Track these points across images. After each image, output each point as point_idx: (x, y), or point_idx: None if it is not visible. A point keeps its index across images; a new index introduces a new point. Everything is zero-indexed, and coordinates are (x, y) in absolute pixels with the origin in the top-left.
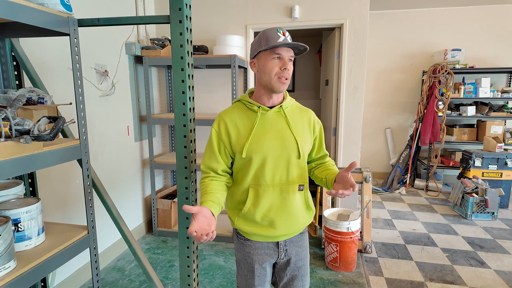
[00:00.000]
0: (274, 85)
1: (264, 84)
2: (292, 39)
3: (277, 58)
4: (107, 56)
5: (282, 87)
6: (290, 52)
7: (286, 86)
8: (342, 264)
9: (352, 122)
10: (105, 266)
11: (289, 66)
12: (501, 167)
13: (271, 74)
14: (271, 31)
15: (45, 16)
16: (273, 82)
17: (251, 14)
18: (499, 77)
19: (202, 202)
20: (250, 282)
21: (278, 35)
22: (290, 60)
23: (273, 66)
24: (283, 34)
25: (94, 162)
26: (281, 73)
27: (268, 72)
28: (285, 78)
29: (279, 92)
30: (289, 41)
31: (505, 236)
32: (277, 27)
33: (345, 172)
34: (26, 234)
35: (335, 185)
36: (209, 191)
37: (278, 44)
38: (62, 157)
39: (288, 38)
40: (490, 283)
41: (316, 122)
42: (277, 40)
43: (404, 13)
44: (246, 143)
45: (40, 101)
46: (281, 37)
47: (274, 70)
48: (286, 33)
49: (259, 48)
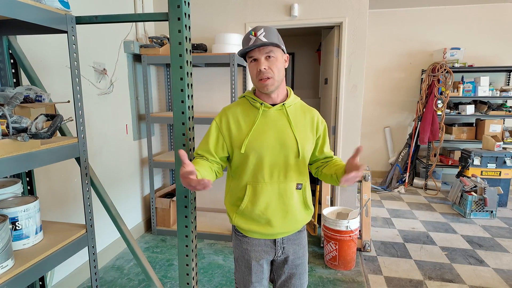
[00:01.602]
0: (258, 87)
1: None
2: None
3: (253, 61)
4: (106, 55)
5: (265, 88)
6: (264, 50)
7: (271, 86)
8: (341, 262)
9: (351, 120)
10: (104, 265)
11: (265, 65)
12: (500, 166)
13: (253, 77)
14: (246, 35)
15: (42, 13)
16: (257, 84)
17: (250, 12)
18: (498, 76)
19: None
20: (247, 278)
21: (250, 38)
22: (267, 57)
23: (252, 70)
24: (254, 35)
25: (92, 160)
26: (259, 75)
27: (251, 76)
28: (265, 78)
29: (266, 92)
30: (260, 40)
31: (504, 235)
32: (252, 29)
33: (353, 159)
34: (23, 232)
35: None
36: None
37: (244, 50)
38: (60, 155)
39: (260, 36)
40: (489, 281)
41: (320, 122)
42: (249, 43)
43: (403, 11)
44: (246, 139)
45: (37, 99)
46: (252, 39)
47: (253, 73)
48: (258, 32)
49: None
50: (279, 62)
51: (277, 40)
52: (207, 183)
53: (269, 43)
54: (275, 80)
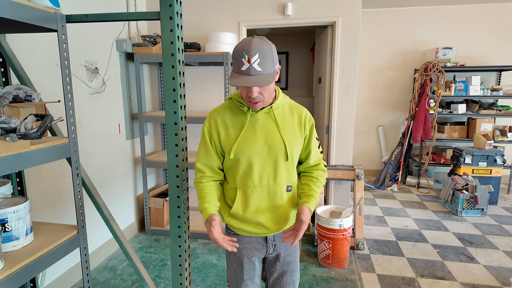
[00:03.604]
0: (247, 103)
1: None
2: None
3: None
4: (98, 53)
5: (254, 107)
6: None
7: (261, 105)
8: (335, 261)
9: (345, 119)
10: (97, 265)
11: (257, 92)
12: (490, 164)
13: (242, 95)
14: (239, 53)
15: (31, 11)
16: (245, 100)
17: (244, 12)
18: (489, 75)
19: (203, 209)
20: (239, 276)
21: (243, 62)
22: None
23: (242, 90)
24: (248, 61)
25: (84, 160)
26: (248, 98)
27: (240, 91)
28: (255, 102)
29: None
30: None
31: (494, 232)
32: (244, 50)
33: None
34: (13, 234)
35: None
36: (206, 194)
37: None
38: (50, 156)
39: (254, 64)
40: (479, 278)
41: (308, 120)
42: (240, 68)
43: (396, 11)
44: (234, 144)
45: (27, 99)
46: (245, 65)
47: (243, 94)
48: (252, 58)
49: (232, 68)
50: (271, 85)
51: (271, 65)
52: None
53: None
54: (264, 101)
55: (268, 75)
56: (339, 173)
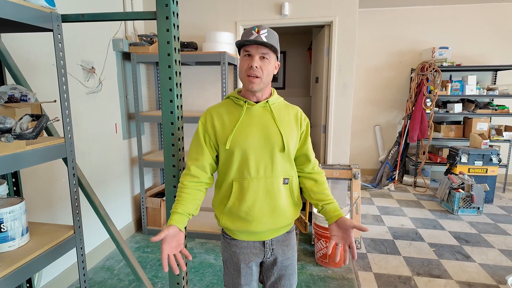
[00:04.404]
0: (245, 83)
1: (241, 82)
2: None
3: (247, 56)
4: (94, 53)
5: (251, 86)
6: (261, 49)
7: (257, 85)
8: (332, 260)
9: (342, 119)
10: (93, 265)
11: (258, 64)
12: (486, 163)
13: (242, 71)
14: (249, 29)
15: (26, 11)
16: (244, 79)
17: (241, 11)
18: (484, 75)
19: (172, 213)
20: (236, 281)
21: (252, 33)
22: (262, 57)
23: (243, 63)
24: (257, 31)
25: (81, 160)
26: (248, 70)
27: (240, 69)
28: (254, 76)
29: (251, 90)
30: (261, 38)
31: (490, 231)
32: (256, 25)
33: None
34: (9, 234)
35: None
36: (182, 200)
37: (242, 42)
38: (46, 156)
39: (262, 35)
40: (475, 276)
41: (303, 118)
42: (249, 37)
43: (393, 11)
44: (230, 135)
45: (23, 99)
46: (254, 35)
47: (244, 67)
48: (261, 31)
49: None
50: (271, 65)
51: (276, 44)
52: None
53: (269, 44)
54: (262, 81)
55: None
56: (336, 173)
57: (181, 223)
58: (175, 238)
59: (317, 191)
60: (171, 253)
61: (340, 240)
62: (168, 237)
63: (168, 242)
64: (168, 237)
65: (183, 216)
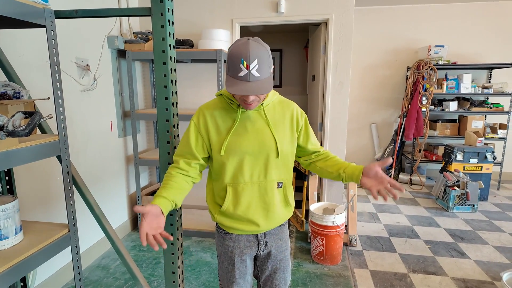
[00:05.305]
0: (240, 103)
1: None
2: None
3: None
4: (89, 50)
5: (248, 108)
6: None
7: (255, 106)
8: (328, 257)
9: (338, 117)
10: (89, 264)
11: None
12: (481, 161)
13: (236, 97)
14: (236, 59)
15: (18, 6)
16: (239, 100)
17: (237, 9)
18: (480, 73)
19: (156, 196)
20: (230, 275)
21: (241, 68)
22: None
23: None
24: (246, 67)
25: (76, 159)
26: (243, 101)
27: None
28: (250, 103)
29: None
30: (252, 75)
31: (485, 228)
32: (242, 56)
33: (377, 167)
34: (2, 233)
35: (366, 180)
36: (168, 186)
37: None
38: (39, 154)
39: (253, 71)
40: (470, 273)
41: (300, 114)
42: (238, 74)
43: (389, 9)
44: (225, 142)
45: (16, 96)
46: (243, 71)
47: (238, 97)
48: (251, 64)
49: (227, 72)
50: None
51: (268, 69)
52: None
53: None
54: (259, 102)
55: (267, 80)
56: None
57: (165, 207)
58: (156, 220)
59: (331, 164)
60: (150, 233)
61: (378, 186)
62: (150, 215)
63: (148, 221)
64: (150, 214)
65: (168, 202)
